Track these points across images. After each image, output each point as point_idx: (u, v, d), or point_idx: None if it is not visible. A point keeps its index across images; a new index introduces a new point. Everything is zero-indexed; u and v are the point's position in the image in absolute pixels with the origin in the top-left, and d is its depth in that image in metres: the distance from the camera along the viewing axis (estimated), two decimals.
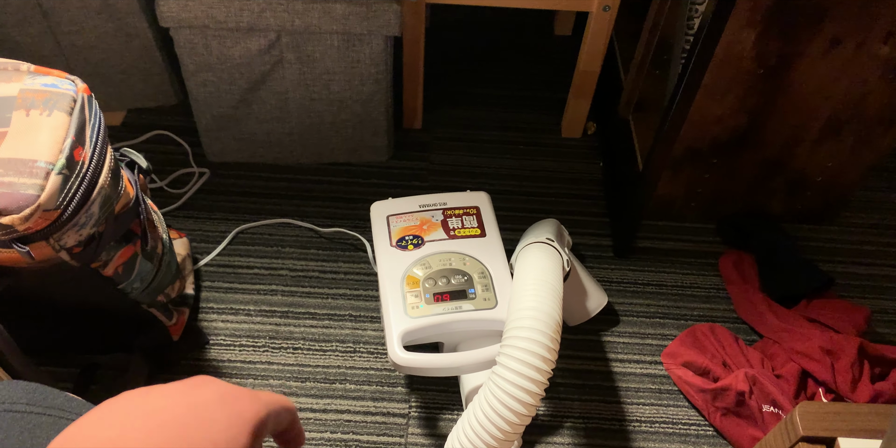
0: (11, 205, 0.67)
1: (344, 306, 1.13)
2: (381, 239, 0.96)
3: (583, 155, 1.40)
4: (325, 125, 1.27)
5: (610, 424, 1.02)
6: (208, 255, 1.18)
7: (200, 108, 1.24)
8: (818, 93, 1.05)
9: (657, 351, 1.10)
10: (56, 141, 0.71)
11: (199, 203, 1.27)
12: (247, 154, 1.32)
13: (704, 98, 1.06)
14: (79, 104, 0.76)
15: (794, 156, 1.16)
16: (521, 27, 1.65)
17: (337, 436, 0.99)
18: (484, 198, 1.02)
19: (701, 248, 1.25)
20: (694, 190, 1.22)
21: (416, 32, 1.25)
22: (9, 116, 0.72)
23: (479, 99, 1.49)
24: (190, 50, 1.14)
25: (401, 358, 0.84)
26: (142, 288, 0.90)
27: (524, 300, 0.82)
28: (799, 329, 1.06)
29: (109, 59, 1.30)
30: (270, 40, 1.13)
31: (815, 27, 0.97)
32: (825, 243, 1.27)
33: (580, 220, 1.28)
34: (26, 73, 0.77)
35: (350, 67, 1.18)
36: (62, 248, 0.73)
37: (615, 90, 1.35)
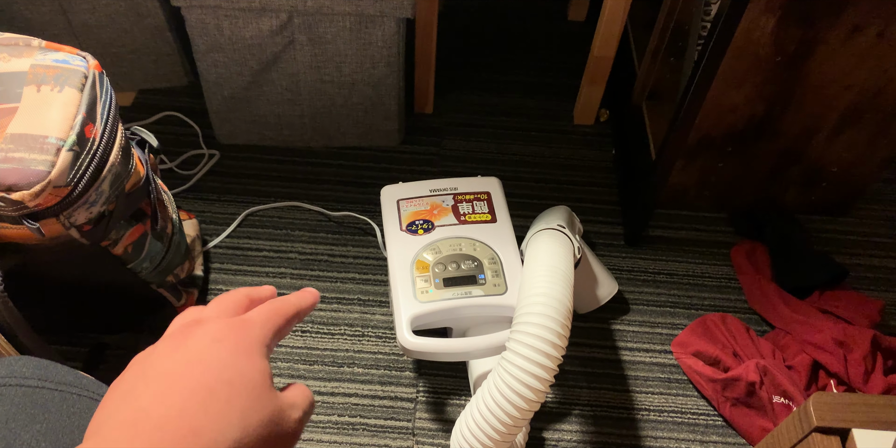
0: (22, 181, 0.66)
1: (353, 290, 1.13)
2: (391, 223, 0.96)
3: (595, 142, 1.38)
4: (336, 108, 1.26)
5: (618, 413, 1.02)
6: (217, 237, 1.18)
7: (211, 90, 1.23)
8: (837, 82, 1.04)
9: (667, 340, 1.10)
10: (67, 117, 0.71)
11: (209, 185, 1.26)
12: (257, 136, 1.32)
13: (721, 86, 1.04)
14: (90, 80, 0.75)
15: (810, 146, 1.14)
16: (535, 12, 1.64)
17: (344, 419, 0.99)
18: (495, 183, 1.01)
19: (713, 237, 1.24)
20: (707, 179, 1.21)
21: (429, 15, 1.24)
22: (20, 92, 0.72)
23: (491, 84, 1.47)
24: (201, 30, 1.13)
25: (409, 342, 0.84)
26: (151, 268, 0.89)
27: (535, 286, 0.81)
28: (811, 320, 1.05)
29: (120, 38, 1.29)
30: (282, 21, 1.12)
31: (836, 14, 0.95)
32: (839, 235, 1.26)
33: (591, 207, 1.27)
34: (38, 49, 0.76)
35: (362, 50, 1.17)
36: (72, 226, 0.72)
37: (629, 77, 1.33)
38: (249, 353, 0.36)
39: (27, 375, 0.43)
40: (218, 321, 0.37)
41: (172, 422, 0.32)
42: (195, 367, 0.34)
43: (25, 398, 0.42)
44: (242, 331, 0.37)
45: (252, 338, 0.37)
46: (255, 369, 0.35)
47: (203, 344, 0.35)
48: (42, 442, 0.40)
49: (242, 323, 0.38)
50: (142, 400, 0.33)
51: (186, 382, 0.33)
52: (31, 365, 0.44)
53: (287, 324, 0.40)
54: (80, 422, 0.43)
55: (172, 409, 0.32)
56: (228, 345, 0.36)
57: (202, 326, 0.37)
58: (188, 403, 0.32)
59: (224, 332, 0.36)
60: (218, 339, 0.36)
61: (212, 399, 0.33)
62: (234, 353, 0.35)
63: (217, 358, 0.35)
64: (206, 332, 0.36)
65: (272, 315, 0.39)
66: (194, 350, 0.35)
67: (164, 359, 0.35)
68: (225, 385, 0.34)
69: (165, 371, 0.34)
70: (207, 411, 0.32)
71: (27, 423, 0.41)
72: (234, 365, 0.35)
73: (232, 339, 0.36)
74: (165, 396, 0.33)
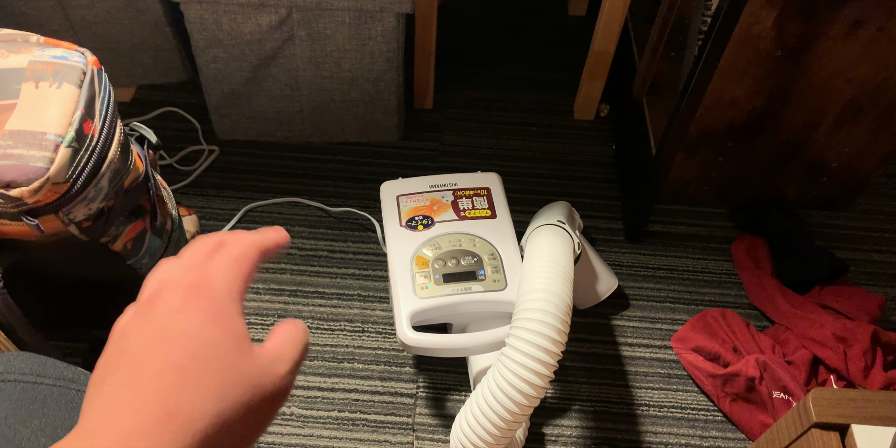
0: (21, 177, 0.66)
1: (353, 286, 1.13)
2: (390, 219, 0.96)
3: (595, 137, 1.38)
4: (335, 103, 1.26)
5: (618, 408, 1.02)
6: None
7: (210, 85, 1.23)
8: (837, 76, 1.03)
9: (667, 335, 1.10)
10: (65, 113, 0.71)
11: (209, 181, 1.26)
12: (256, 132, 1.31)
13: (721, 80, 1.04)
14: (88, 77, 0.75)
15: (810, 140, 1.14)
16: (535, 7, 1.63)
17: (344, 414, 0.99)
18: (495, 179, 1.00)
19: (714, 232, 1.24)
20: (708, 174, 1.21)
21: (429, 10, 1.24)
22: (18, 88, 0.72)
23: (491, 79, 1.47)
24: (200, 25, 1.13)
25: (409, 338, 0.84)
26: (151, 264, 0.89)
27: (535, 282, 0.81)
28: (811, 315, 1.05)
29: (119, 34, 1.28)
30: (281, 16, 1.12)
31: (837, 8, 0.95)
32: (840, 230, 1.25)
33: (591, 202, 1.27)
34: (36, 45, 0.76)
35: (361, 45, 1.16)
36: (71, 222, 0.72)
37: (629, 72, 1.33)
38: (215, 317, 0.34)
39: (25, 371, 0.43)
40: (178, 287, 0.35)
41: (146, 406, 0.31)
42: (161, 344, 0.33)
43: (24, 394, 0.42)
44: (204, 294, 0.34)
45: (216, 300, 0.34)
46: (225, 335, 0.33)
47: (167, 317, 0.34)
48: (41, 437, 0.40)
49: (203, 284, 0.35)
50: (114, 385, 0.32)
51: (155, 362, 0.32)
52: (29, 361, 0.44)
53: (252, 268, 0.37)
54: (78, 417, 0.43)
55: (145, 392, 0.31)
56: (193, 314, 0.34)
57: (165, 295, 0.35)
58: (159, 385, 0.31)
59: (186, 300, 0.34)
60: (180, 309, 0.34)
61: (182, 377, 0.32)
62: (199, 322, 0.34)
63: (181, 331, 0.33)
64: (168, 303, 0.34)
65: (234, 262, 0.36)
66: (159, 324, 0.33)
67: (132, 336, 0.33)
68: (194, 360, 0.32)
69: (134, 351, 0.33)
70: (180, 391, 0.31)
71: (26, 418, 0.41)
72: (201, 335, 0.33)
73: (195, 306, 0.34)
74: (136, 379, 0.32)
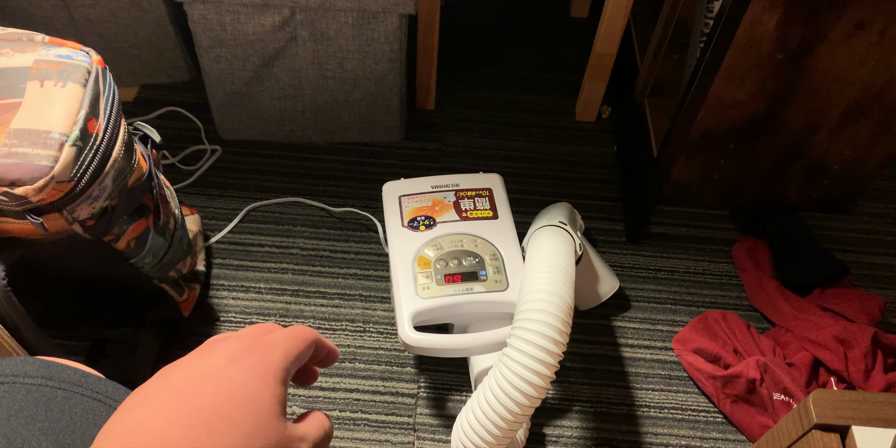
0: (25, 176, 0.66)
1: (354, 286, 1.13)
2: (392, 219, 0.96)
3: (597, 138, 1.38)
4: (337, 104, 1.26)
5: (619, 409, 1.02)
6: (220, 233, 1.18)
7: (213, 85, 1.23)
8: (839, 79, 1.04)
9: (668, 337, 1.10)
10: (70, 112, 0.71)
11: (211, 180, 1.26)
12: (259, 132, 1.32)
13: (723, 82, 1.04)
14: (93, 76, 0.75)
15: (812, 143, 1.14)
16: (537, 8, 1.63)
17: (346, 414, 0.99)
18: (497, 180, 1.01)
19: (715, 234, 1.24)
20: (709, 176, 1.21)
21: (432, 11, 1.24)
22: (23, 87, 0.72)
23: (493, 80, 1.47)
24: (204, 25, 1.13)
25: (411, 338, 0.84)
26: (153, 263, 0.90)
27: (536, 283, 0.81)
28: (812, 317, 1.05)
29: (122, 33, 1.29)
30: (284, 17, 1.12)
31: (839, 11, 0.95)
32: (841, 232, 1.26)
33: (593, 204, 1.27)
34: (41, 44, 0.76)
35: (364, 45, 1.17)
36: (75, 221, 0.72)
37: (631, 74, 1.33)
38: (265, 376, 0.36)
39: (32, 374, 0.43)
40: (240, 340, 0.37)
41: (174, 437, 0.31)
42: (207, 385, 0.34)
43: (28, 396, 0.42)
44: (261, 352, 0.37)
45: (270, 361, 0.36)
46: (267, 394, 0.35)
47: (220, 362, 0.35)
48: (43, 441, 0.40)
49: (263, 344, 0.37)
50: (149, 411, 0.33)
51: (195, 399, 0.33)
52: (36, 364, 0.44)
53: (307, 348, 0.40)
54: (83, 422, 0.42)
55: (176, 425, 0.32)
56: (245, 366, 0.35)
57: (224, 343, 0.37)
58: (192, 421, 0.32)
59: (243, 353, 0.36)
60: (235, 358, 0.36)
61: (217, 419, 0.33)
62: (248, 374, 0.35)
63: (230, 378, 0.35)
64: (225, 350, 0.36)
65: (294, 339, 0.39)
66: (210, 367, 0.35)
67: (180, 373, 0.35)
68: (233, 407, 0.33)
69: (177, 385, 0.34)
70: (210, 431, 0.32)
71: (29, 421, 0.41)
72: (246, 387, 0.35)
73: (249, 360, 0.36)
74: (171, 410, 0.33)
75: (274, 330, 0.40)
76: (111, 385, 0.47)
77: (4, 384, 0.42)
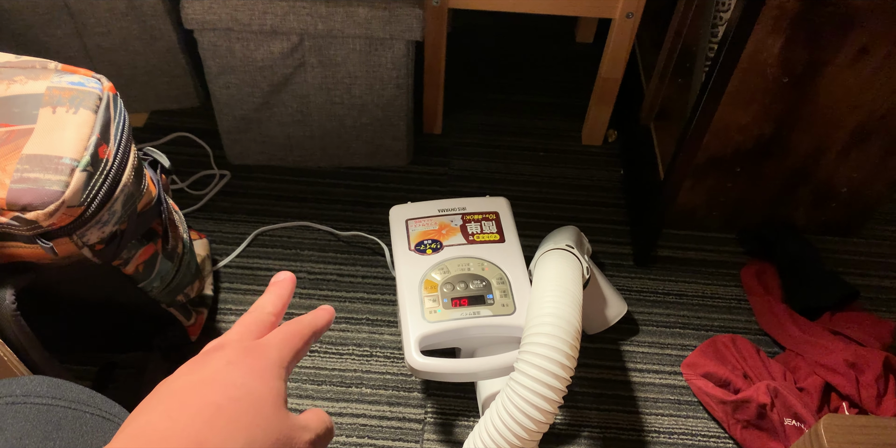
0: (36, 201, 0.67)
1: (361, 310, 1.13)
2: (399, 243, 0.96)
3: (603, 162, 1.39)
4: (345, 129, 1.27)
5: (628, 435, 1.01)
6: (227, 257, 1.19)
7: (222, 111, 1.24)
8: (844, 102, 1.04)
9: (677, 361, 1.09)
10: (81, 138, 0.72)
11: (220, 205, 1.27)
12: (267, 157, 1.33)
13: (728, 106, 1.05)
14: (104, 102, 0.76)
15: (818, 166, 1.14)
16: (543, 34, 1.65)
17: (352, 440, 0.99)
18: (503, 203, 1.01)
19: (723, 257, 1.23)
20: (716, 199, 1.21)
21: (438, 37, 1.25)
22: (36, 113, 0.73)
23: (500, 105, 1.49)
24: (213, 52, 1.15)
25: (418, 362, 0.84)
26: (161, 287, 0.90)
27: (543, 307, 0.81)
28: (823, 341, 1.04)
29: (134, 60, 1.31)
30: (293, 43, 1.13)
31: (843, 35, 0.96)
32: (850, 255, 1.25)
33: (600, 227, 1.27)
34: (54, 71, 0.78)
35: (371, 71, 1.18)
36: (85, 245, 0.73)
37: (636, 98, 1.34)
38: (263, 374, 0.37)
39: (41, 394, 0.44)
40: (236, 345, 0.38)
41: (177, 434, 0.32)
42: (207, 386, 0.35)
43: (39, 416, 0.42)
44: (258, 354, 0.38)
45: (267, 360, 0.38)
46: (266, 388, 0.36)
47: (218, 366, 0.37)
48: None
49: (258, 346, 0.38)
50: (151, 415, 0.34)
51: (196, 400, 0.34)
52: (45, 384, 0.45)
53: (304, 345, 0.41)
54: (93, 440, 0.43)
55: (178, 423, 0.33)
56: (242, 367, 0.37)
57: (220, 350, 0.38)
58: (195, 419, 0.33)
59: (240, 356, 0.37)
60: (233, 361, 0.37)
61: (219, 415, 0.34)
62: (247, 374, 0.36)
63: (229, 379, 0.36)
64: (222, 356, 0.37)
65: (289, 337, 0.40)
66: (209, 371, 0.36)
67: (179, 380, 0.36)
68: (232, 402, 0.34)
69: (177, 390, 0.35)
70: (213, 426, 0.33)
71: (41, 440, 0.41)
72: (245, 385, 0.36)
73: (247, 361, 0.37)
74: (173, 412, 0.34)
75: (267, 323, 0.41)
76: (116, 405, 0.47)
77: (16, 404, 0.43)
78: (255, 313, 0.42)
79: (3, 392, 0.43)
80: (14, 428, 0.41)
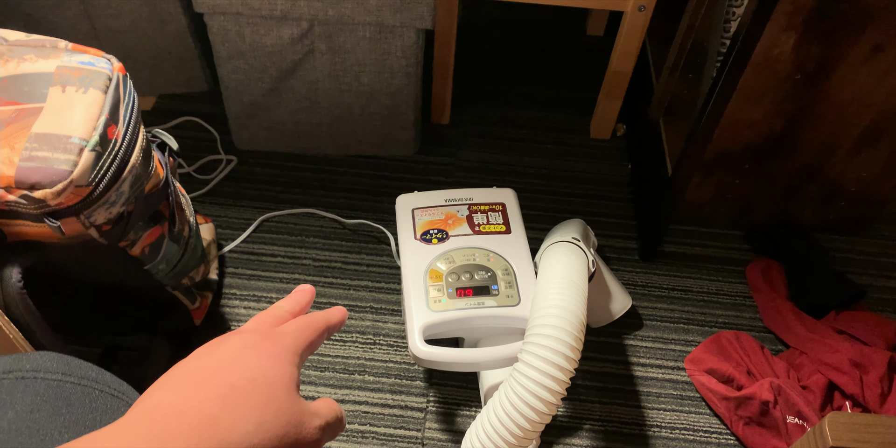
0: (45, 179, 0.67)
1: (365, 298, 1.13)
2: (405, 232, 0.96)
3: (611, 156, 1.38)
4: (353, 117, 1.27)
5: (630, 428, 1.01)
6: (233, 242, 1.19)
7: (231, 96, 1.24)
8: (857, 100, 1.03)
9: (680, 356, 1.09)
10: (90, 118, 0.71)
11: (226, 190, 1.27)
12: (274, 143, 1.32)
13: (739, 102, 1.04)
14: (114, 83, 0.76)
15: (828, 164, 1.14)
16: (553, 26, 1.64)
17: (354, 426, 0.99)
18: (510, 195, 1.01)
19: (728, 254, 1.23)
20: (724, 195, 1.21)
21: (449, 27, 1.25)
22: (45, 92, 0.73)
23: (508, 96, 1.48)
24: (223, 36, 1.14)
25: (421, 351, 0.83)
26: (167, 270, 0.90)
27: (549, 298, 0.81)
28: (827, 340, 1.03)
29: (143, 43, 1.30)
30: (303, 29, 1.13)
31: (857, 33, 0.95)
32: (857, 255, 1.24)
33: (606, 221, 1.27)
34: (64, 51, 0.77)
35: (381, 59, 1.17)
36: (91, 225, 0.73)
37: (646, 93, 1.33)
38: (278, 359, 0.37)
39: (51, 369, 0.44)
40: (252, 331, 0.39)
41: (190, 411, 0.33)
42: (222, 367, 0.36)
43: (49, 391, 0.43)
44: (273, 340, 0.38)
45: (282, 346, 0.38)
46: (281, 372, 0.37)
47: (234, 349, 0.37)
48: (65, 434, 0.41)
49: (275, 333, 0.39)
50: (165, 392, 0.34)
51: (210, 380, 0.35)
52: (55, 360, 0.45)
53: (318, 337, 0.42)
54: (103, 417, 0.43)
55: (192, 401, 0.33)
56: (258, 350, 0.37)
57: (237, 335, 0.39)
58: (208, 397, 0.34)
59: (256, 341, 0.38)
60: (249, 345, 0.38)
61: (232, 394, 0.34)
62: (262, 357, 0.37)
63: (244, 361, 0.36)
64: (238, 340, 0.38)
65: (304, 327, 0.41)
66: (224, 354, 0.37)
67: (194, 361, 0.37)
68: (247, 382, 0.35)
69: (192, 370, 0.36)
70: (226, 405, 0.33)
71: (51, 414, 0.41)
72: (260, 367, 0.36)
73: (263, 346, 0.38)
74: (188, 390, 0.34)
75: (283, 318, 0.42)
76: (125, 384, 0.47)
77: (26, 379, 0.43)
78: (272, 310, 0.43)
79: (12, 366, 0.43)
80: (24, 402, 0.41)
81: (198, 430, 0.32)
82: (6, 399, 0.41)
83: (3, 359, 0.44)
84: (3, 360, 0.44)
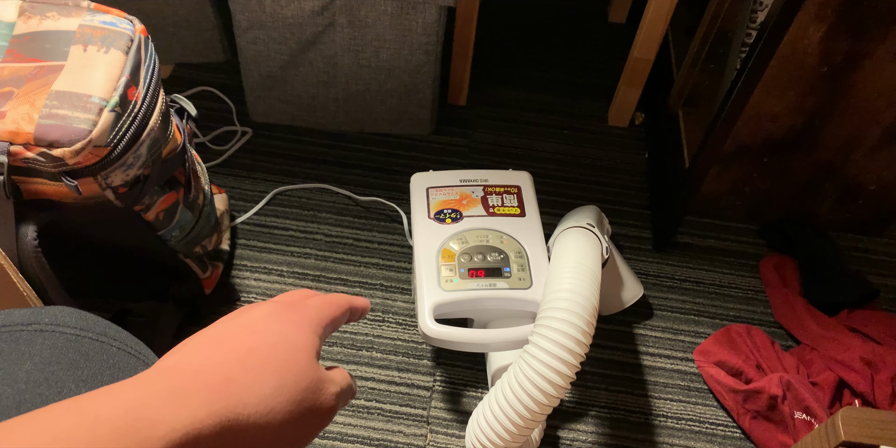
0: (63, 138, 0.66)
1: (376, 275, 1.12)
2: (419, 210, 0.95)
3: (628, 145, 1.37)
4: (370, 93, 1.26)
5: (636, 417, 1.01)
6: (245, 214, 1.18)
7: (249, 67, 1.23)
8: (882, 97, 1.02)
9: (689, 348, 1.08)
10: (111, 78, 0.71)
11: (240, 161, 1.26)
12: (290, 116, 1.31)
13: (762, 94, 1.03)
14: (135, 44, 0.75)
15: (848, 161, 1.13)
16: (575, 11, 1.62)
17: (360, 402, 0.98)
18: (526, 178, 1.00)
19: (742, 248, 1.22)
20: (741, 189, 1.20)
21: (471, 6, 1.23)
22: (67, 50, 0.72)
23: (526, 80, 1.46)
24: (243, 5, 1.13)
25: (431, 329, 0.83)
26: (180, 237, 0.89)
27: (562, 282, 0.80)
28: (839, 338, 1.03)
29: (162, 10, 1.29)
30: (324, 2, 1.11)
31: (887, 28, 0.93)
32: (872, 255, 1.23)
33: (620, 210, 1.26)
34: (86, 10, 0.76)
35: (401, 36, 1.16)
36: (108, 187, 0.72)
37: (666, 82, 1.32)
38: (300, 326, 0.38)
39: (69, 324, 0.44)
40: (276, 301, 0.40)
41: (208, 370, 0.33)
42: (244, 331, 0.36)
43: (67, 344, 0.42)
44: (297, 310, 0.39)
45: (305, 316, 0.39)
46: (302, 339, 0.37)
47: (258, 314, 0.38)
48: (82, 388, 0.40)
49: (299, 305, 0.40)
50: (186, 352, 0.35)
51: (232, 342, 0.35)
52: (73, 315, 0.45)
53: (341, 314, 0.42)
54: (119, 374, 0.43)
55: (212, 360, 0.34)
56: (280, 318, 0.38)
57: (261, 304, 0.39)
58: (228, 357, 0.34)
59: (279, 309, 0.38)
60: (272, 313, 0.38)
61: (252, 356, 0.34)
62: (284, 323, 0.37)
63: (266, 326, 0.37)
64: (262, 307, 0.39)
65: (328, 302, 0.42)
66: (247, 319, 0.37)
67: (217, 325, 0.37)
68: (267, 346, 0.35)
69: (215, 333, 0.36)
70: (245, 365, 0.34)
71: (69, 367, 0.41)
72: (281, 332, 0.36)
73: (286, 314, 0.38)
74: (209, 351, 0.35)
75: (310, 296, 0.43)
76: (141, 344, 0.47)
77: (44, 332, 0.43)
78: (300, 290, 0.44)
79: (31, 319, 0.43)
80: (42, 354, 0.41)
81: (215, 389, 0.32)
82: (25, 351, 0.41)
83: (22, 311, 0.44)
84: (22, 312, 0.44)
